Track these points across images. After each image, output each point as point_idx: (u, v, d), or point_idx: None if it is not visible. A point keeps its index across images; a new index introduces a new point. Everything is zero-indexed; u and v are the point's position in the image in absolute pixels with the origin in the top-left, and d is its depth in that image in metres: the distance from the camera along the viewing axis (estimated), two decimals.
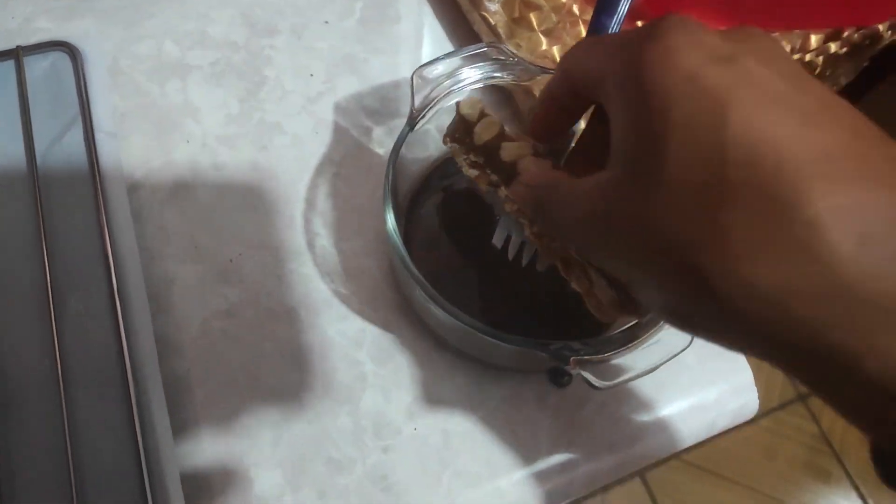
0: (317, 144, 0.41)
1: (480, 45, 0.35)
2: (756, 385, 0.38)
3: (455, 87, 0.34)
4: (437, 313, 0.31)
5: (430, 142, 0.36)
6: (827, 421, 1.23)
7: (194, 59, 0.42)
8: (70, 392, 0.32)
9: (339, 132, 0.41)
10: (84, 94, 0.37)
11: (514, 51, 0.35)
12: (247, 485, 0.33)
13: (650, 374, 0.29)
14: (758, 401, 0.37)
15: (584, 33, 0.40)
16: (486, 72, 0.35)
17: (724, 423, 0.37)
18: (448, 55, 0.34)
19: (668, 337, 0.28)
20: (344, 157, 0.41)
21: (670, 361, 0.29)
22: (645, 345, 0.28)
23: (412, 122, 0.34)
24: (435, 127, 0.36)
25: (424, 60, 0.44)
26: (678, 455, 1.16)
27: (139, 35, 0.43)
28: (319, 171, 0.40)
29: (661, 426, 0.36)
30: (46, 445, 0.31)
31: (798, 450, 1.21)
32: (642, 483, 1.18)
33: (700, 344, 0.37)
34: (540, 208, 0.25)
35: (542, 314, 0.35)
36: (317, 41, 0.44)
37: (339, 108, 0.42)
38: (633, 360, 0.28)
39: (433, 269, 0.36)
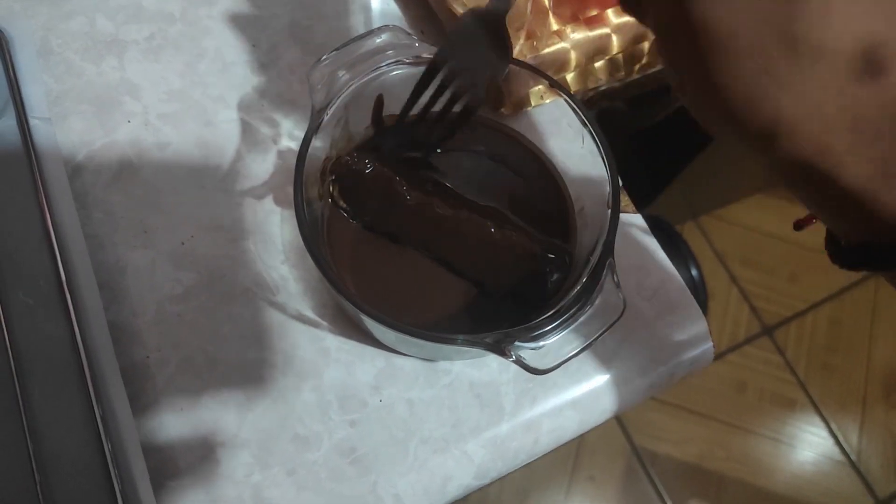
0: (263, 118, 0.40)
1: (377, 29, 0.34)
2: (723, 321, 0.38)
3: (354, 81, 0.33)
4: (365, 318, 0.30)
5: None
6: (791, 352, 1.27)
7: (129, 33, 0.41)
8: (26, 387, 0.32)
9: (286, 104, 0.40)
10: (13, 80, 0.36)
11: (410, 32, 0.34)
12: (214, 466, 0.33)
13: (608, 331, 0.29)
14: (713, 350, 0.38)
15: None
16: (385, 58, 0.34)
17: (681, 373, 0.38)
18: (343, 46, 0.34)
19: (601, 312, 0.29)
20: (293, 128, 0.40)
21: (619, 323, 0.29)
22: (577, 322, 0.28)
23: (317, 123, 0.32)
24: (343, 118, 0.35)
25: (371, 22, 0.43)
26: None
27: (68, 11, 0.41)
28: (268, 145, 0.39)
29: (621, 381, 0.37)
30: (5, 443, 0.31)
31: (765, 381, 1.25)
32: (618, 424, 1.21)
33: (655, 298, 0.38)
34: None
35: (475, 303, 0.35)
36: (257, 9, 0.42)
37: (284, 79, 0.41)
38: (569, 338, 0.28)
39: (361, 267, 0.35)
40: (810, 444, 1.21)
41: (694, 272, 1.15)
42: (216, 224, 0.37)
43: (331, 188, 0.35)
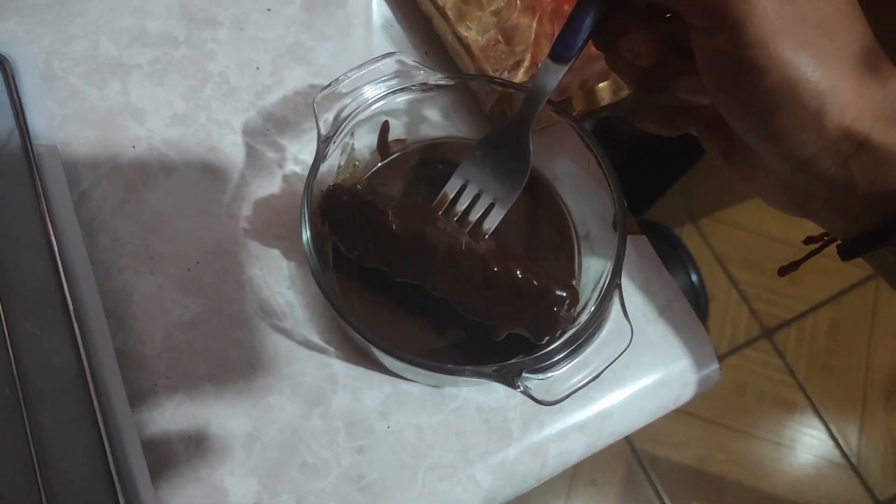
0: (268, 141, 0.40)
1: (381, 56, 0.34)
2: (723, 324, 0.38)
3: (360, 108, 0.34)
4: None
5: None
6: (791, 354, 1.27)
7: (133, 57, 0.41)
8: (34, 416, 0.32)
9: (290, 127, 0.40)
10: (18, 108, 0.36)
11: (415, 56, 0.34)
12: (222, 495, 0.33)
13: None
14: (719, 371, 0.38)
15: (535, 13, 0.39)
16: (390, 85, 0.34)
17: (688, 394, 0.38)
18: (348, 73, 0.34)
19: (608, 340, 0.29)
20: (298, 152, 0.40)
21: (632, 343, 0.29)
22: (585, 352, 0.29)
23: (324, 152, 0.33)
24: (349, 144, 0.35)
25: (374, 43, 0.43)
26: None
27: (71, 34, 0.40)
28: (273, 169, 0.39)
29: (629, 404, 0.37)
30: (14, 475, 0.31)
31: (765, 384, 1.25)
32: None
33: (661, 320, 0.38)
34: None
35: (483, 331, 0.34)
36: (260, 31, 0.42)
37: (288, 102, 0.41)
38: (577, 367, 0.28)
39: (368, 294, 0.35)
40: (810, 447, 1.21)
41: (694, 277, 1.16)
42: (222, 249, 0.37)
43: (321, 222, 0.34)
